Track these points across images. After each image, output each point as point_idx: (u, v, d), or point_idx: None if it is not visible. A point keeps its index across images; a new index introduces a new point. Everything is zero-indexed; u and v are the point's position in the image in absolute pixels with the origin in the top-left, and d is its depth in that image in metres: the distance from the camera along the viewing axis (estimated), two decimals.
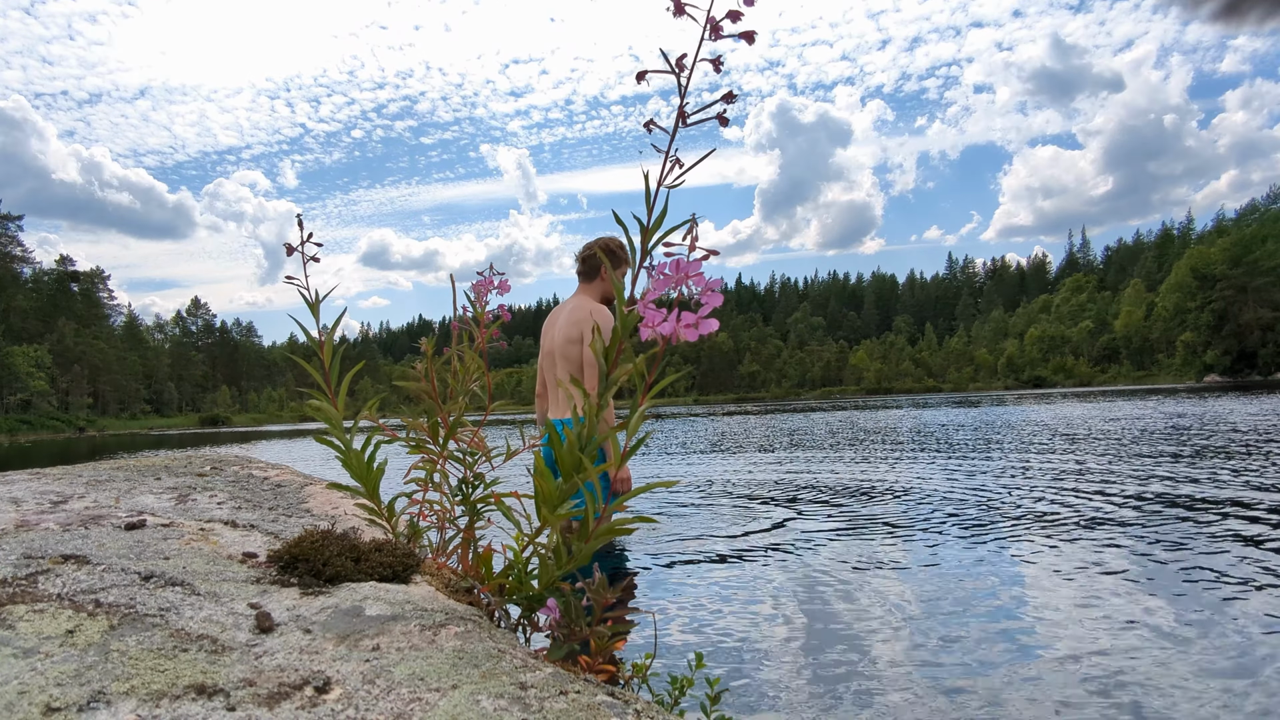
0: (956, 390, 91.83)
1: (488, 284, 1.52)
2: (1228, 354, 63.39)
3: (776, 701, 1.91)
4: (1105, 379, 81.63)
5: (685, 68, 0.97)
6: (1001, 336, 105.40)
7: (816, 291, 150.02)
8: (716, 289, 0.91)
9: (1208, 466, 6.26)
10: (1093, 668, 2.05)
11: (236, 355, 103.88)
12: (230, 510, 1.60)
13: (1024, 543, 3.64)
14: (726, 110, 0.97)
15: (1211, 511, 4.26)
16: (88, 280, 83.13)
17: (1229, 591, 2.71)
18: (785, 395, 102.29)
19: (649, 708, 0.82)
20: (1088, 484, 5.55)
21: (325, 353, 1.37)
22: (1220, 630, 2.31)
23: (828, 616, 2.59)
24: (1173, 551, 3.35)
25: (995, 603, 2.67)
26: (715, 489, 6.33)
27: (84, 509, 1.35)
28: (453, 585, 1.23)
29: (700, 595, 2.92)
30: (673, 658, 2.25)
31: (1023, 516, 4.32)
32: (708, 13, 0.94)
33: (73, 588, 0.84)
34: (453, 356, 1.50)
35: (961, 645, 2.25)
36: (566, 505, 1.15)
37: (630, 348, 1.05)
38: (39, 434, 58.64)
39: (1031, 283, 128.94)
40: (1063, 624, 2.42)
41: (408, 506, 1.44)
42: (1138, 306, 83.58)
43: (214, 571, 1.02)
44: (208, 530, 1.30)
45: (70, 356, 70.64)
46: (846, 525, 4.29)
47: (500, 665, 0.84)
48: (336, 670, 0.76)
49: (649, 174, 1.02)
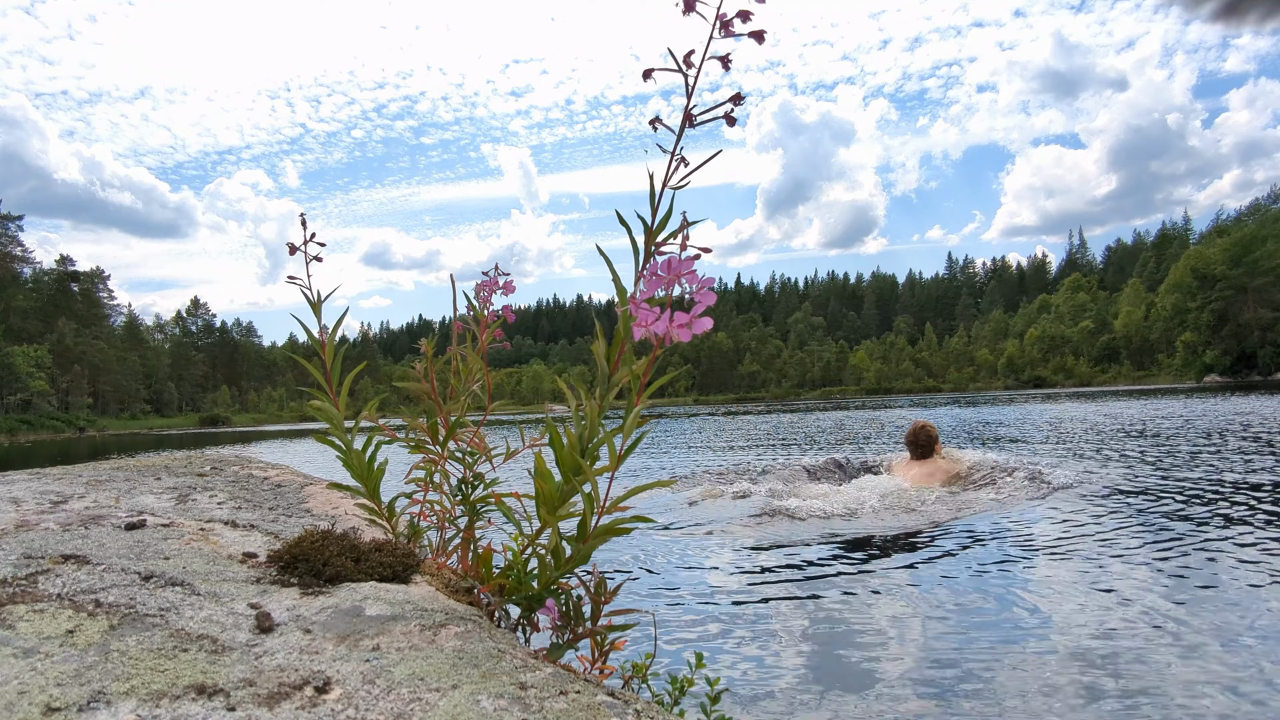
0: (956, 390, 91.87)
1: (492, 284, 1.52)
2: (1227, 354, 63.40)
3: (777, 701, 1.91)
4: (1105, 379, 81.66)
5: (693, 65, 0.96)
6: (1001, 336, 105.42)
7: (816, 291, 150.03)
8: (709, 287, 0.90)
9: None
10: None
11: (236, 355, 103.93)
12: (230, 510, 1.60)
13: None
14: (733, 110, 0.97)
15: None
16: (88, 280, 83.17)
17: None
18: (785, 395, 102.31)
19: (649, 708, 0.82)
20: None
21: (327, 353, 1.37)
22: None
23: (828, 616, 2.59)
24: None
25: (999, 605, 2.67)
26: (715, 488, 6.32)
27: (84, 509, 1.35)
28: (453, 585, 1.23)
29: (700, 595, 2.92)
30: (673, 658, 2.25)
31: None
32: (718, 10, 0.93)
33: (73, 588, 0.84)
34: (454, 356, 1.50)
35: (963, 645, 2.25)
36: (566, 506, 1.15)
37: (632, 349, 1.05)
38: (39, 434, 58.67)
39: (1031, 283, 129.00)
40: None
41: (408, 506, 1.44)
42: (1137, 306, 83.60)
43: (214, 571, 1.02)
44: (208, 530, 1.30)
45: (70, 356, 70.67)
46: (848, 522, 4.29)
47: (500, 665, 0.84)
48: (336, 670, 0.76)
49: (654, 175, 1.01)
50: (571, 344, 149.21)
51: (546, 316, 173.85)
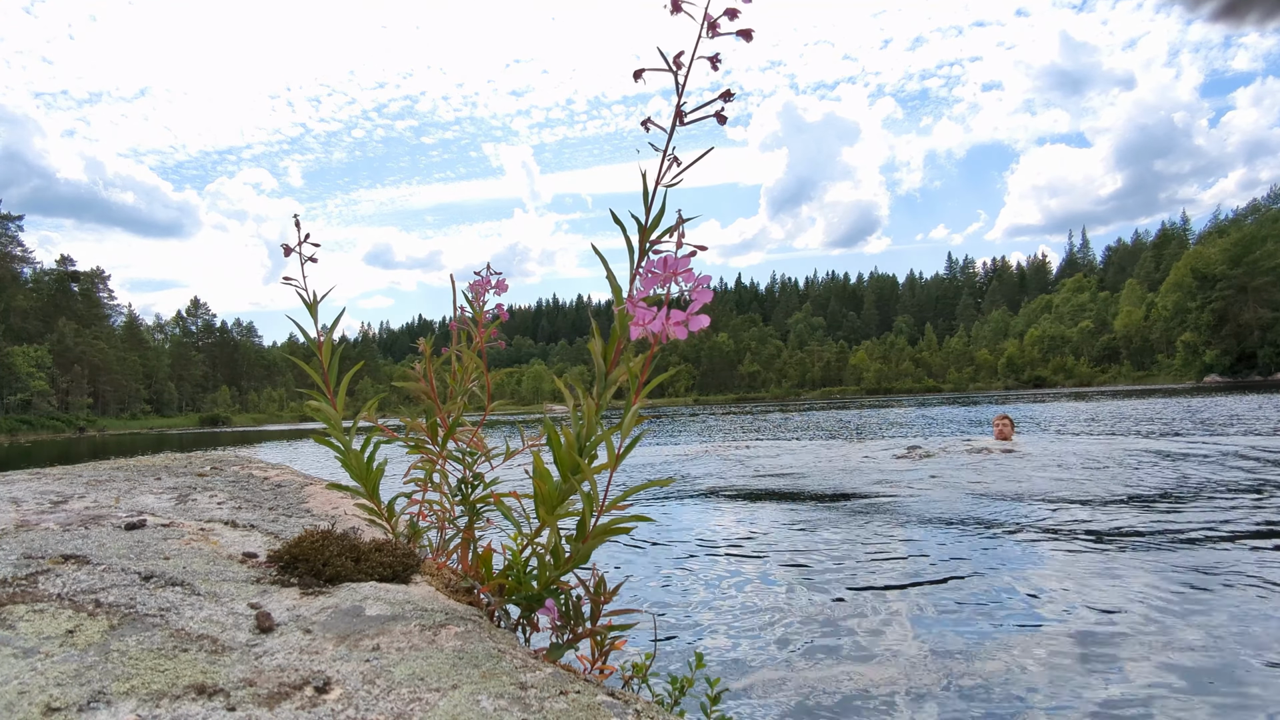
0: (956, 390, 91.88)
1: (485, 284, 1.52)
2: (1227, 354, 63.40)
3: (777, 701, 1.91)
4: (1105, 379, 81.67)
5: (683, 65, 0.97)
6: (1002, 336, 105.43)
7: (817, 292, 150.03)
8: (706, 285, 0.91)
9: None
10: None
11: (236, 355, 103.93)
12: (230, 510, 1.60)
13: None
14: (724, 109, 0.97)
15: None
16: (88, 280, 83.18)
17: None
18: (785, 395, 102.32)
19: (649, 708, 0.82)
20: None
21: (324, 353, 1.37)
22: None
23: (829, 615, 2.59)
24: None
25: (1006, 600, 2.67)
26: (715, 487, 6.33)
27: (84, 509, 1.35)
28: (453, 585, 1.23)
29: (700, 595, 2.92)
30: (673, 658, 2.25)
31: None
32: (705, 10, 0.94)
33: (73, 588, 0.84)
34: (451, 356, 1.50)
35: (963, 647, 2.25)
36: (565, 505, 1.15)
37: (631, 348, 1.05)
38: (39, 434, 58.68)
39: (1032, 283, 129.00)
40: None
41: (407, 506, 1.44)
42: (1137, 307, 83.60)
43: (214, 571, 1.02)
44: (208, 530, 1.30)
45: (70, 356, 70.67)
46: (845, 524, 4.29)
47: (500, 665, 0.84)
48: (336, 670, 0.76)
49: (646, 173, 1.02)
50: (571, 344, 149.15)
51: (546, 316, 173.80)
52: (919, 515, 4.48)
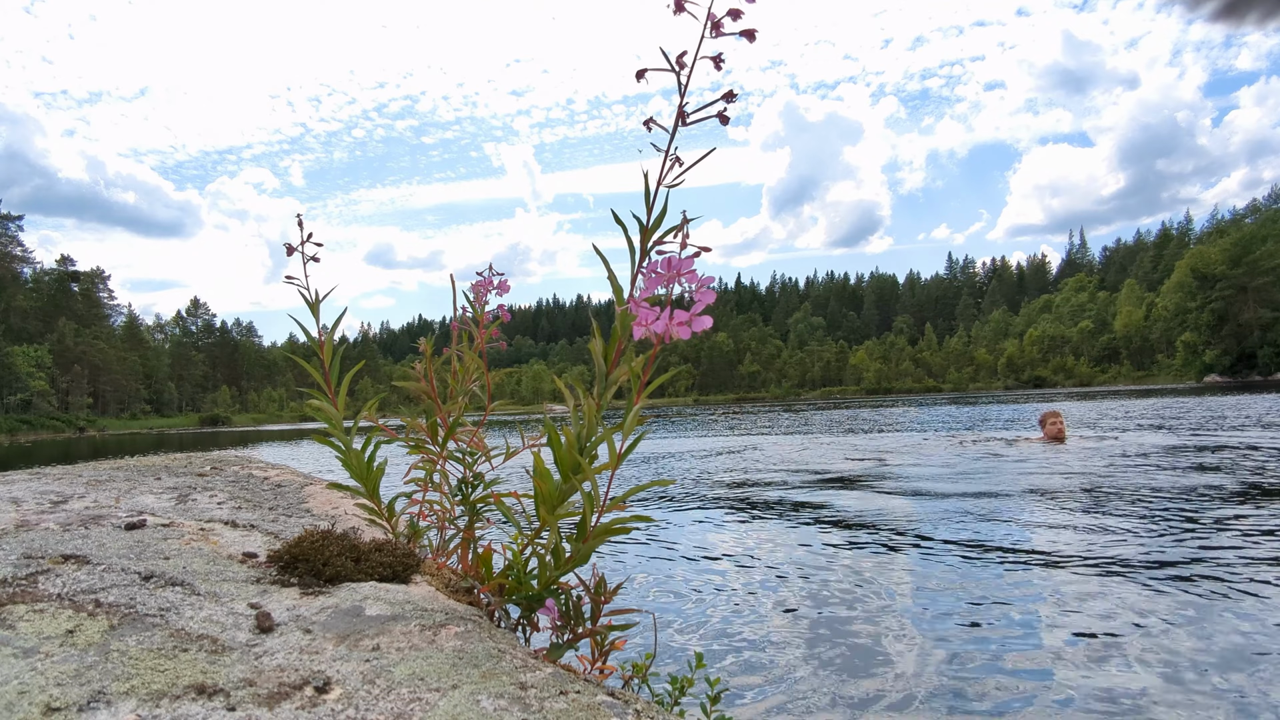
0: (956, 390, 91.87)
1: (487, 284, 1.52)
2: (1227, 354, 63.41)
3: (776, 701, 1.91)
4: (1105, 379, 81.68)
5: (685, 65, 0.97)
6: (1002, 336, 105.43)
7: (817, 292, 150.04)
8: (709, 286, 0.91)
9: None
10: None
11: (237, 355, 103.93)
12: (230, 510, 1.60)
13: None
14: (727, 109, 0.97)
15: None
16: (88, 280, 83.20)
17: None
18: (785, 395, 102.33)
19: (649, 708, 0.82)
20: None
21: (325, 353, 1.37)
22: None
23: (828, 614, 2.59)
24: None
25: (1013, 613, 2.67)
26: (714, 487, 6.33)
27: (84, 509, 1.35)
28: (453, 585, 1.23)
29: (700, 595, 2.92)
30: (673, 658, 2.25)
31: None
32: (708, 10, 0.94)
33: (73, 588, 0.84)
34: (452, 357, 1.50)
35: (964, 644, 2.25)
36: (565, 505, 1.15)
37: (632, 348, 1.05)
38: (39, 434, 58.69)
39: (1031, 283, 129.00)
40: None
41: (408, 506, 1.44)
42: (1136, 307, 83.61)
43: (214, 571, 1.02)
44: (208, 530, 1.30)
45: (70, 356, 70.68)
46: (846, 522, 4.29)
47: (500, 665, 0.84)
48: (336, 670, 0.76)
49: (648, 173, 1.01)
50: (572, 344, 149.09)
51: (546, 316, 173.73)
52: (928, 516, 4.48)
